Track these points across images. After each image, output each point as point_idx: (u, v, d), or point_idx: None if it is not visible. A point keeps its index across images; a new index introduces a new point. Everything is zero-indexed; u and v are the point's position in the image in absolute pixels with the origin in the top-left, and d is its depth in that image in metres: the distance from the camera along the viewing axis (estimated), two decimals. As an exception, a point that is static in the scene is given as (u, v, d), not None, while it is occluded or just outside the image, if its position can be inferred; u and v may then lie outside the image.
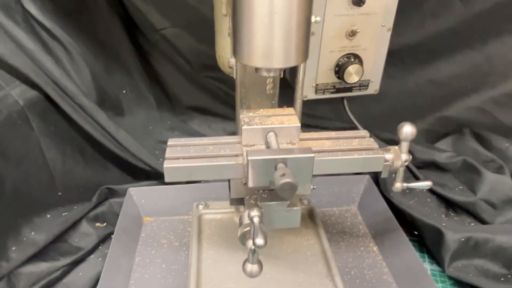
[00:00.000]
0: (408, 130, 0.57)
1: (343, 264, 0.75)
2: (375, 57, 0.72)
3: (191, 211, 0.79)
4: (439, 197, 0.87)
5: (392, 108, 1.02)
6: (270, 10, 0.47)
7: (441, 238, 0.73)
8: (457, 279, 0.71)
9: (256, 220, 0.48)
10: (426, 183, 0.61)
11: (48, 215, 0.80)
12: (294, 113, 0.57)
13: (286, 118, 0.55)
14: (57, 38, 0.85)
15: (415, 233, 0.82)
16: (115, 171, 0.93)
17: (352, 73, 0.70)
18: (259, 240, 0.45)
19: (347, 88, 0.74)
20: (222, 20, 0.67)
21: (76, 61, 0.88)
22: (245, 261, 0.51)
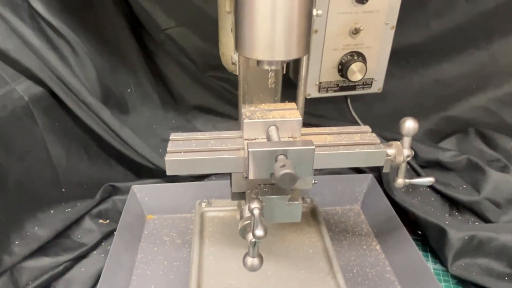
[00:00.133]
0: (410, 125, 0.56)
1: (346, 262, 0.74)
2: (379, 55, 0.72)
3: (194, 209, 0.79)
4: (443, 196, 0.86)
5: (396, 108, 1.01)
6: (272, 3, 0.47)
7: (445, 237, 0.72)
8: (460, 277, 0.71)
9: (256, 212, 0.48)
10: (428, 179, 0.61)
11: (52, 211, 0.80)
12: (296, 107, 0.57)
13: (288, 112, 0.55)
14: (63, 36, 0.85)
15: (419, 232, 0.82)
16: (118, 169, 0.93)
17: (356, 71, 0.70)
18: (259, 231, 0.44)
19: (351, 86, 0.74)
20: (226, 18, 0.67)
21: (81, 58, 0.88)
22: (246, 255, 0.51)
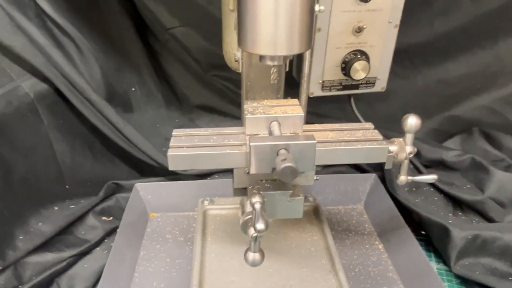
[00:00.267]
0: (412, 121, 0.56)
1: (348, 261, 0.74)
2: (382, 54, 0.71)
3: (197, 208, 0.80)
4: (446, 195, 0.85)
5: (400, 108, 1.01)
6: (274, -3, 0.47)
7: (448, 235, 0.72)
8: (463, 277, 0.70)
9: (257, 206, 0.48)
10: (431, 176, 0.60)
11: (56, 207, 0.81)
12: (298, 103, 0.57)
13: (290, 108, 0.55)
14: (68, 34, 0.86)
15: (422, 232, 0.81)
16: (122, 167, 0.94)
17: (359, 69, 0.69)
18: (260, 225, 0.44)
19: (354, 85, 0.74)
20: (229, 16, 0.68)
21: (86, 57, 0.89)
22: (247, 250, 0.51)
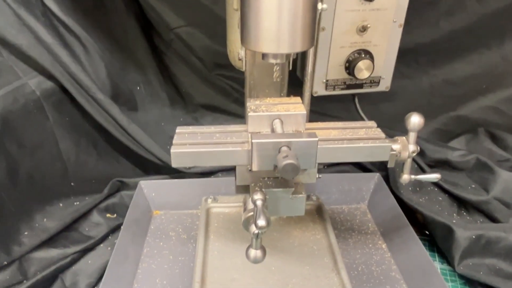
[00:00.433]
0: (415, 120, 0.56)
1: (351, 260, 0.74)
2: (387, 53, 0.71)
3: (200, 206, 0.80)
4: (451, 195, 0.85)
5: (405, 108, 0.99)
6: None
7: (452, 235, 0.72)
8: (467, 277, 0.70)
9: (259, 203, 0.48)
10: (434, 175, 0.60)
11: (60, 204, 0.82)
12: (301, 101, 0.57)
13: (292, 106, 0.55)
14: (74, 34, 0.87)
15: (426, 232, 0.81)
16: (127, 165, 0.94)
17: (363, 68, 0.69)
18: (261, 221, 0.45)
19: (358, 84, 0.74)
20: (233, 15, 0.68)
21: (92, 56, 0.90)
22: (249, 247, 0.51)
